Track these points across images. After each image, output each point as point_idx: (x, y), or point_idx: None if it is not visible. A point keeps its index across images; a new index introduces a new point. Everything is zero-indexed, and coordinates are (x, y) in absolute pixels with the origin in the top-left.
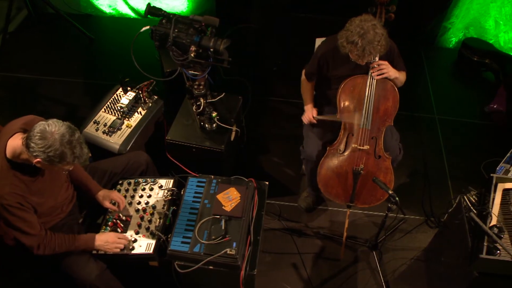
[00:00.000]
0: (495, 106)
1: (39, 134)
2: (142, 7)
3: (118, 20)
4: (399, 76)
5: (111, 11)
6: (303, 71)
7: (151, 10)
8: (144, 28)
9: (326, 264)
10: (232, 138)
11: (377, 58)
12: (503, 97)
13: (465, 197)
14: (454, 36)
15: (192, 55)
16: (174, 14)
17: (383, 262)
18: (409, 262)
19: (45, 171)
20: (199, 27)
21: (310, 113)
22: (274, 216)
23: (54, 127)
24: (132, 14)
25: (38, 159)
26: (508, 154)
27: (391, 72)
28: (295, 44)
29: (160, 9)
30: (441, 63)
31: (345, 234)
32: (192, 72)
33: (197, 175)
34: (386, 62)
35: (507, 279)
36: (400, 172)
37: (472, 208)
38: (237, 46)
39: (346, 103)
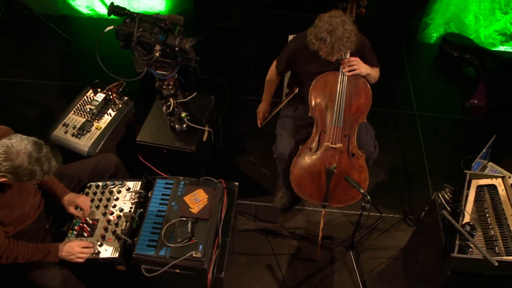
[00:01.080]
0: (475, 102)
1: (4, 156)
2: None
3: (96, 21)
4: (372, 72)
5: (89, 12)
6: (274, 62)
7: (115, 9)
8: (108, 28)
9: (302, 265)
10: (204, 139)
11: (348, 55)
12: (483, 92)
13: (439, 194)
14: (434, 31)
15: (157, 54)
16: (138, 13)
17: (361, 261)
18: (387, 261)
19: (13, 184)
20: (165, 26)
21: (259, 117)
22: (250, 217)
23: (19, 146)
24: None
25: (4, 179)
26: (484, 150)
27: (363, 68)
28: (272, 42)
29: (123, 8)
30: (422, 59)
31: (320, 234)
32: (160, 72)
33: (167, 176)
34: (357, 58)
35: (480, 278)
36: (379, 169)
37: (446, 205)
38: (216, 45)
39: (318, 101)
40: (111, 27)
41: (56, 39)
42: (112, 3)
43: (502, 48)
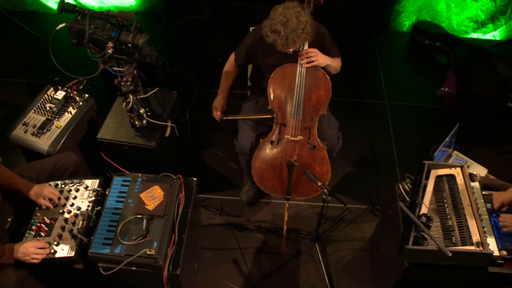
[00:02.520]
0: (446, 89)
1: None
2: (90, 3)
3: (66, 17)
4: (332, 63)
5: None
6: (232, 55)
7: (65, 6)
8: (59, 26)
9: (268, 258)
10: (167, 134)
11: (306, 46)
12: (453, 80)
13: (400, 185)
14: (407, 19)
15: (109, 51)
16: (89, 10)
17: (327, 253)
18: (354, 252)
19: None
20: (120, 22)
21: (218, 112)
22: (216, 211)
23: None
24: None
25: None
26: (447, 139)
27: (321, 59)
28: (243, 34)
29: (74, 5)
30: (395, 48)
31: (285, 227)
32: (117, 68)
33: (129, 172)
34: (315, 50)
35: (437, 268)
36: (347, 160)
37: (406, 196)
38: (187, 39)
39: (277, 93)
40: (63, 24)
41: (24, 36)
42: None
43: (474, 35)
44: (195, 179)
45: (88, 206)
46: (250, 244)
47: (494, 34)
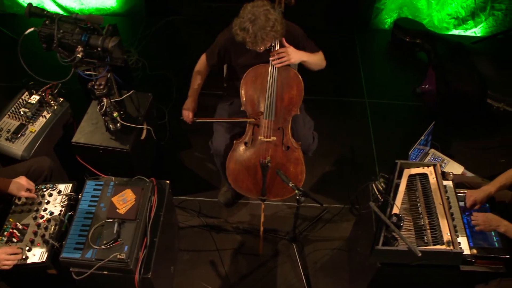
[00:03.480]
0: (426, 87)
1: None
2: (71, 5)
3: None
4: (309, 58)
5: None
6: (203, 55)
7: (32, 10)
8: (28, 30)
9: (245, 260)
10: (143, 137)
11: (277, 46)
12: (433, 77)
13: (374, 184)
14: (388, 16)
15: (79, 55)
16: (57, 14)
17: (305, 254)
18: (332, 252)
19: None
20: (91, 26)
21: (188, 114)
22: (194, 213)
23: None
24: (61, 12)
25: None
26: (422, 137)
27: (294, 57)
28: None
29: (42, 9)
30: (376, 45)
31: (261, 228)
32: (90, 72)
33: (105, 176)
34: (285, 49)
35: (410, 268)
36: (326, 159)
37: (379, 196)
38: (167, 40)
39: (249, 94)
40: (32, 29)
41: (2, 39)
42: (29, 4)
43: (456, 32)
44: (168, 182)
45: (61, 211)
46: (227, 246)
47: (475, 31)
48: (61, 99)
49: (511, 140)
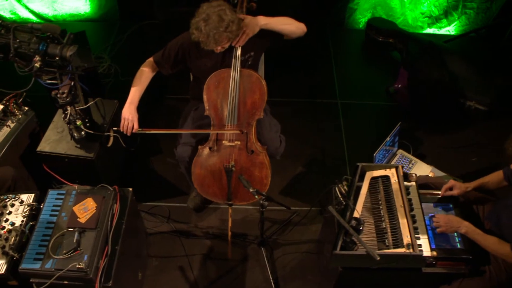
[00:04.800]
0: (399, 86)
1: None
2: (43, 10)
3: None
4: (270, 21)
5: (11, 16)
6: (151, 58)
7: None
8: None
9: (214, 265)
10: (109, 144)
11: (239, 52)
12: (405, 76)
13: (336, 188)
14: (362, 16)
15: (37, 65)
16: (13, 23)
17: (274, 257)
18: (301, 256)
19: None
20: (50, 35)
21: (133, 123)
22: (163, 219)
23: None
24: (34, 18)
25: None
26: (388, 138)
27: (250, 27)
28: None
29: None
30: (350, 45)
31: (229, 233)
32: (51, 81)
33: (73, 185)
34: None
35: (372, 271)
36: (298, 162)
37: (342, 199)
38: (140, 44)
39: (212, 99)
40: None
41: None
42: None
43: (430, 30)
44: (131, 189)
45: (22, 221)
46: (197, 251)
47: (449, 29)
48: (26, 108)
49: (483, 139)
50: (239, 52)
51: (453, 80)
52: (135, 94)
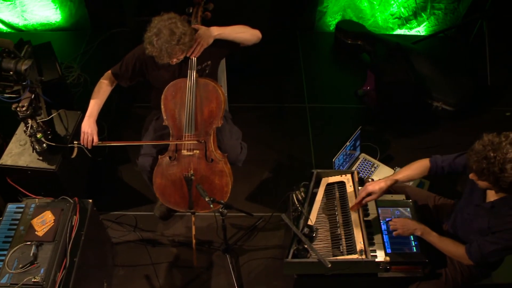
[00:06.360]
0: (368, 88)
1: None
2: (13, 20)
3: None
4: (223, 31)
5: None
6: (110, 71)
7: None
8: None
9: (180, 273)
10: (73, 155)
11: (194, 62)
12: (372, 78)
13: (294, 194)
14: (332, 19)
15: None
16: None
17: (239, 264)
18: (266, 262)
19: None
20: (6, 49)
21: (93, 137)
22: (130, 228)
23: None
24: (4, 28)
25: None
26: (347, 143)
27: (203, 38)
28: None
29: None
30: (320, 49)
31: (193, 240)
32: (9, 95)
33: (38, 197)
34: (197, 37)
35: (329, 277)
36: (264, 167)
37: (298, 206)
38: (110, 53)
39: (169, 109)
40: None
41: None
42: None
43: (401, 32)
44: (90, 200)
45: None
46: (162, 259)
47: (419, 30)
48: None
49: (451, 139)
50: (195, 62)
51: (419, 81)
52: (94, 107)
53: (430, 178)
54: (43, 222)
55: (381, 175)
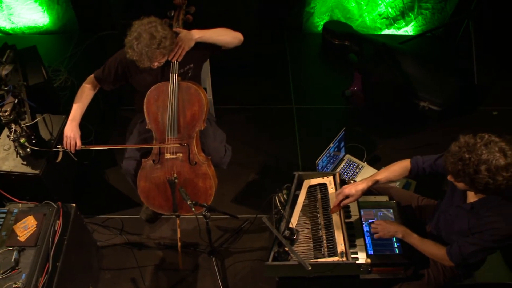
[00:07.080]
0: (355, 89)
1: None
2: (1, 23)
3: None
4: (204, 34)
5: None
6: (93, 75)
7: None
8: None
9: (166, 276)
10: (58, 159)
11: (176, 65)
12: (359, 79)
13: (276, 196)
14: (320, 19)
15: None
16: None
17: (225, 266)
18: (252, 264)
19: None
20: None
21: (76, 141)
22: (116, 231)
23: None
24: None
25: None
26: (331, 144)
27: (185, 41)
28: None
29: None
30: (308, 49)
31: (179, 243)
32: None
33: (24, 202)
34: (178, 41)
35: (311, 280)
36: (251, 169)
37: (280, 209)
38: (98, 56)
39: (152, 113)
40: None
41: None
42: None
43: (389, 32)
44: (74, 205)
45: None
46: (148, 262)
47: (407, 30)
48: None
49: (438, 139)
50: (176, 65)
51: (406, 81)
52: (76, 111)
53: (417, 178)
54: (26, 227)
55: (366, 176)
